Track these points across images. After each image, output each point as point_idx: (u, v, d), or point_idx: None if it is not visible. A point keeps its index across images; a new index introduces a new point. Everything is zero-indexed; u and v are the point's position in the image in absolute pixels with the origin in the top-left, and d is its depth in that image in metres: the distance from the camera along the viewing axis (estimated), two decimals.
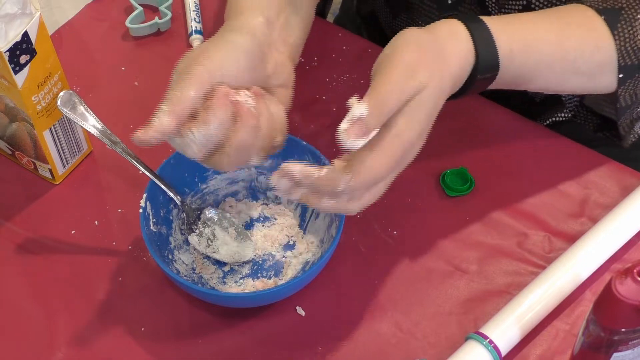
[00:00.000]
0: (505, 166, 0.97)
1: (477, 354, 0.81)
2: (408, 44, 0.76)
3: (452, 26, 0.81)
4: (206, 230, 0.90)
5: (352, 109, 0.72)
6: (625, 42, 0.86)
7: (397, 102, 0.74)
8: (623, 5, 0.87)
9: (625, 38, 0.86)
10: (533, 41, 0.85)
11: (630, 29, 0.86)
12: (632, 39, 0.86)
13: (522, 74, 0.86)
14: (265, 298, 0.85)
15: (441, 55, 0.78)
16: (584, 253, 0.87)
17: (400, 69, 0.74)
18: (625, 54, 0.87)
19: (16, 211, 0.95)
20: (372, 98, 0.72)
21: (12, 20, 0.84)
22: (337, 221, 0.86)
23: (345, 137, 0.72)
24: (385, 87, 0.73)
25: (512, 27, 0.84)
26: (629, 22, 0.86)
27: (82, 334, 0.87)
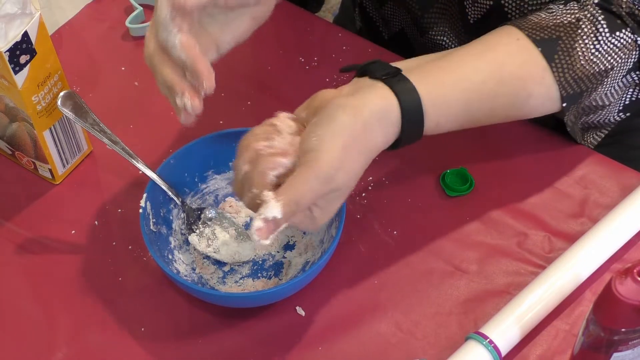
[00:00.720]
0: (505, 166, 0.97)
1: (477, 354, 0.81)
2: (337, 140, 0.77)
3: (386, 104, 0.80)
4: (206, 230, 0.90)
5: (266, 207, 0.75)
6: (565, 73, 0.86)
7: (310, 203, 0.77)
8: (561, 34, 0.86)
9: (564, 69, 0.86)
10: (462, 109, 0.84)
11: (568, 58, 0.86)
12: (571, 69, 0.86)
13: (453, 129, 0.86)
14: (265, 298, 0.85)
15: (365, 147, 0.79)
16: (584, 253, 0.87)
17: (321, 172, 0.76)
18: (566, 85, 0.86)
19: (16, 211, 0.95)
20: (286, 199, 0.75)
21: (12, 20, 0.84)
22: (337, 221, 0.86)
23: (258, 236, 0.75)
24: (302, 189, 0.75)
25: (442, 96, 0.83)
26: (566, 52, 0.86)
27: (82, 334, 0.87)
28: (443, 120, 0.84)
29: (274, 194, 0.75)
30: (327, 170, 0.76)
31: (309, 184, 0.76)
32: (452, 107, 0.83)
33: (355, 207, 0.94)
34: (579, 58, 0.86)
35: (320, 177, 0.76)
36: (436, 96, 0.82)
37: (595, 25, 0.86)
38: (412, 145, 0.83)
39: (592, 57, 0.86)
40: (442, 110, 0.83)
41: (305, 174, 0.76)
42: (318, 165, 0.76)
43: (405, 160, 0.97)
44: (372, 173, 0.95)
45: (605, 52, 0.86)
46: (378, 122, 0.79)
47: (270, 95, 1.03)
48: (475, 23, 0.99)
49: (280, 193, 0.75)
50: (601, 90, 0.90)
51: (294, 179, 0.76)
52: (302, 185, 0.76)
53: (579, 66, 0.86)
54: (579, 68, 0.86)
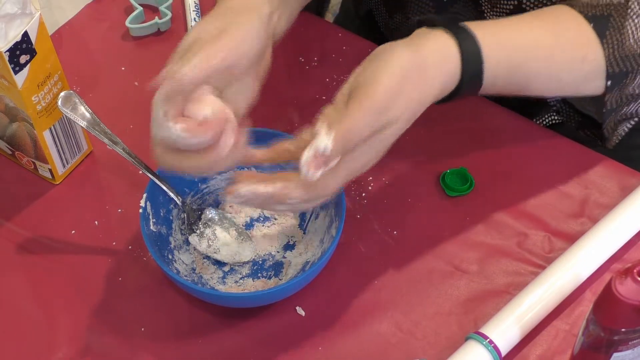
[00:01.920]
0: (506, 166, 0.97)
1: (477, 354, 0.81)
2: (391, 71, 0.76)
3: (443, 44, 0.80)
4: (207, 230, 0.90)
5: (318, 140, 0.73)
6: (614, 50, 0.86)
7: (362, 138, 0.75)
8: (611, 11, 0.86)
9: (614, 46, 0.86)
10: (519, 59, 0.85)
11: (619, 36, 0.86)
12: (620, 47, 0.86)
13: (506, 89, 0.86)
14: (265, 298, 0.85)
15: (424, 82, 0.78)
16: (584, 253, 0.87)
17: (375, 102, 0.74)
18: (614, 62, 0.87)
19: (16, 211, 0.95)
20: (339, 132, 0.73)
21: (12, 20, 0.84)
22: (337, 221, 0.86)
23: (306, 168, 0.73)
24: (354, 121, 0.74)
25: (501, 44, 0.83)
26: (617, 30, 0.86)
27: (82, 334, 0.87)
28: (501, 72, 0.83)
29: (326, 125, 0.73)
30: (383, 100, 0.74)
31: (362, 114, 0.74)
32: (512, 63, 0.83)
33: (355, 207, 0.94)
34: (629, 36, 0.86)
35: (373, 108, 0.74)
36: (495, 44, 0.82)
37: None
38: (412, 145, 0.83)
39: None
40: (501, 58, 0.82)
41: (358, 105, 0.74)
42: (373, 95, 0.74)
43: (405, 160, 0.97)
44: (372, 173, 0.95)
45: None
46: (437, 62, 0.78)
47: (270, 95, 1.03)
48: None
49: (333, 125, 0.73)
50: None
51: (347, 111, 0.74)
52: (354, 116, 0.74)
53: (627, 45, 0.86)
54: (627, 47, 0.86)
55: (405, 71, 0.76)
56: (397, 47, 0.78)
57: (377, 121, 0.75)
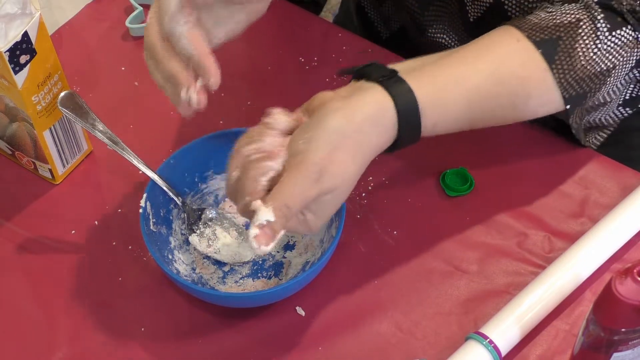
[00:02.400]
0: (505, 166, 0.97)
1: (477, 354, 0.81)
2: (323, 141, 0.76)
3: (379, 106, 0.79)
4: (207, 230, 0.90)
5: (258, 214, 0.74)
6: (565, 74, 0.85)
7: (301, 206, 0.76)
8: (561, 34, 0.85)
9: (564, 70, 0.85)
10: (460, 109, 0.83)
11: (569, 59, 0.85)
12: (572, 70, 0.85)
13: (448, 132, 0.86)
14: (265, 298, 0.85)
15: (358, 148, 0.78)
16: (584, 253, 0.87)
17: (310, 171, 0.75)
18: (568, 86, 0.86)
19: (16, 211, 0.95)
20: (277, 203, 0.75)
21: (12, 20, 0.84)
22: (337, 221, 0.86)
23: (257, 243, 0.75)
24: (288, 193, 0.75)
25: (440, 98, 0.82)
26: (567, 53, 0.85)
27: (82, 334, 0.87)
28: (441, 122, 0.83)
29: (262, 201, 0.75)
30: (314, 170, 0.75)
31: (297, 186, 0.75)
32: (450, 108, 0.83)
33: (355, 207, 0.94)
34: (580, 58, 0.85)
35: (307, 178, 0.75)
36: (434, 97, 0.81)
37: (595, 24, 0.85)
38: (412, 146, 0.83)
39: (594, 57, 0.86)
40: (440, 111, 0.82)
41: (292, 176, 0.75)
42: (304, 166, 0.75)
43: (405, 160, 0.97)
44: (372, 173, 0.95)
45: (606, 51, 0.86)
46: (371, 125, 0.78)
47: (270, 96, 1.03)
48: (475, 21, 0.99)
49: (269, 199, 0.75)
50: (604, 90, 0.89)
51: (282, 183, 0.76)
52: (290, 187, 0.75)
53: (579, 67, 0.85)
54: (579, 69, 0.85)
55: (336, 141, 0.77)
56: (329, 114, 0.77)
57: (312, 190, 0.76)
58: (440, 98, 0.82)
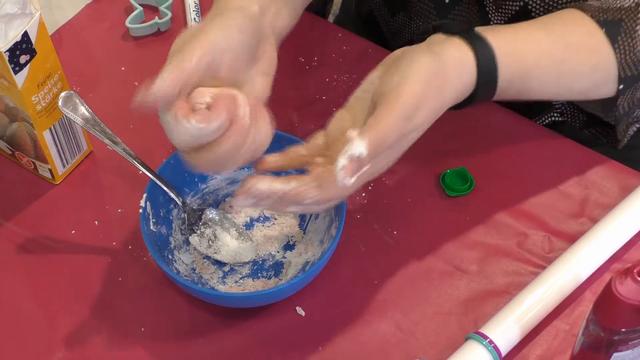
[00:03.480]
0: (505, 166, 0.97)
1: (477, 354, 0.81)
2: (417, 78, 0.77)
3: (460, 54, 0.81)
4: (207, 230, 0.90)
5: (352, 145, 0.73)
6: (626, 55, 0.87)
7: (392, 142, 0.76)
8: (622, 16, 0.87)
9: (626, 50, 0.87)
10: (533, 69, 0.85)
11: (630, 40, 0.86)
12: (632, 51, 0.87)
13: (517, 96, 0.87)
14: (265, 298, 0.85)
15: (443, 89, 0.79)
16: (584, 253, 0.87)
17: (404, 109, 0.76)
18: (626, 66, 0.87)
19: (16, 211, 0.95)
20: (372, 136, 0.74)
21: (12, 20, 0.84)
22: (337, 221, 0.86)
23: (342, 174, 0.73)
24: (386, 127, 0.75)
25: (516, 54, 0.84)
26: (628, 34, 0.86)
27: (82, 334, 0.87)
28: (515, 79, 0.84)
29: (358, 132, 0.74)
30: (412, 104, 0.75)
31: (393, 120, 0.75)
32: (523, 65, 0.84)
33: (355, 207, 0.94)
34: None
35: (403, 113, 0.75)
36: (510, 55, 0.83)
37: None
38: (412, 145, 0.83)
39: None
40: (515, 68, 0.83)
41: (388, 110, 0.75)
42: (401, 101, 0.75)
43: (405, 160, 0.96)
44: None
45: None
46: (456, 67, 0.80)
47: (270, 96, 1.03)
48: None
49: (366, 130, 0.74)
50: None
51: (378, 117, 0.75)
52: (386, 122, 0.75)
53: (639, 49, 0.87)
54: (639, 51, 0.87)
55: (428, 77, 0.77)
56: (417, 53, 0.79)
57: (405, 127, 0.76)
58: (517, 57, 0.83)
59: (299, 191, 0.76)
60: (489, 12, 0.99)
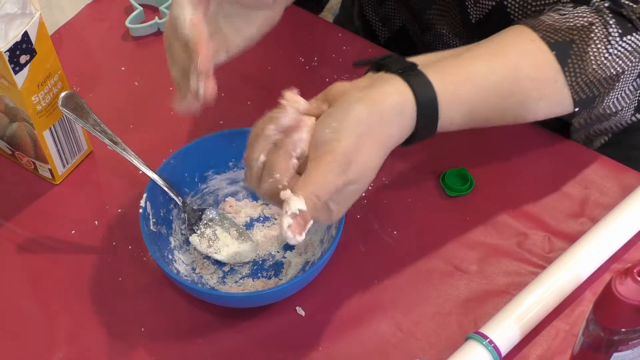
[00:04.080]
0: (505, 166, 0.97)
1: (477, 354, 0.81)
2: (352, 130, 0.76)
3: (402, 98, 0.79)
4: (207, 230, 0.90)
5: (290, 203, 0.74)
6: (577, 77, 0.86)
7: (329, 195, 0.76)
8: (574, 37, 0.86)
9: (576, 73, 0.85)
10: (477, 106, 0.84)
11: (581, 63, 0.85)
12: (583, 73, 0.86)
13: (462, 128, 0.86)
14: (265, 298, 0.85)
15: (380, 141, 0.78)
16: (584, 253, 0.87)
17: (337, 161, 0.75)
18: (579, 89, 0.86)
19: (16, 211, 0.95)
20: (307, 193, 0.74)
21: (12, 20, 0.84)
22: (337, 221, 0.86)
23: (292, 233, 0.74)
24: (319, 180, 0.75)
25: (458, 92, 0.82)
26: (579, 57, 0.85)
27: (82, 334, 0.87)
28: (457, 117, 0.83)
29: (291, 191, 0.75)
30: (342, 160, 0.75)
31: (325, 175, 0.75)
32: (466, 104, 0.83)
33: (355, 207, 0.93)
34: (591, 62, 0.85)
35: (335, 168, 0.75)
36: (451, 92, 0.81)
37: (607, 29, 0.86)
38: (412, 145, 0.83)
39: (605, 61, 0.86)
40: (457, 106, 0.82)
41: (321, 165, 0.75)
42: (333, 156, 0.75)
43: (405, 160, 0.97)
44: None
45: (617, 56, 0.86)
46: (395, 116, 0.79)
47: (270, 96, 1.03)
48: (477, 22, 0.99)
49: (298, 188, 0.75)
50: (612, 95, 0.89)
51: (310, 173, 0.75)
52: (319, 177, 0.75)
53: (590, 70, 0.86)
54: (590, 72, 0.86)
55: (363, 131, 0.77)
56: (355, 103, 0.77)
57: (339, 181, 0.76)
58: (458, 94, 0.82)
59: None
60: (468, 7, 0.99)
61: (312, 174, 0.75)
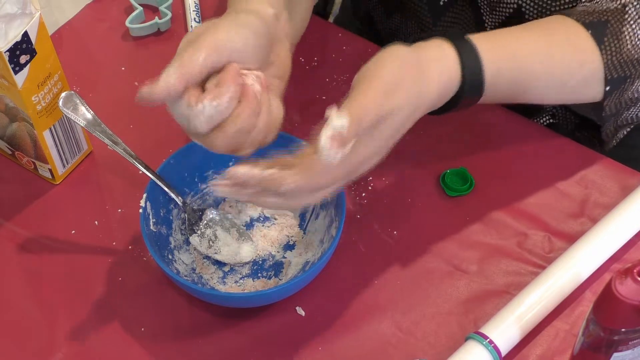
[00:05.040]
0: (505, 166, 0.97)
1: (477, 354, 0.81)
2: (392, 61, 0.77)
3: (441, 48, 0.81)
4: (208, 231, 0.90)
5: (332, 119, 0.72)
6: (612, 56, 0.87)
7: (374, 119, 0.74)
8: (609, 18, 0.87)
9: (612, 52, 0.86)
10: (519, 62, 0.85)
11: (617, 42, 0.86)
12: (619, 52, 0.87)
13: (507, 95, 0.87)
14: (265, 298, 0.85)
15: (423, 78, 0.79)
16: (584, 253, 0.87)
17: (382, 84, 0.75)
18: (612, 68, 0.87)
19: (16, 211, 0.95)
20: (352, 111, 0.73)
21: (12, 20, 0.84)
22: (337, 221, 0.86)
23: (329, 145, 0.72)
24: (365, 101, 0.74)
25: (499, 48, 0.84)
26: (614, 36, 0.86)
27: (82, 334, 0.87)
28: (501, 83, 0.84)
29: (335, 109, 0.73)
30: (387, 83, 0.75)
31: (369, 97, 0.74)
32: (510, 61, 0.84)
33: (355, 207, 0.94)
34: (627, 42, 0.86)
35: (379, 92, 0.75)
36: (495, 58, 0.83)
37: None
38: (412, 145, 0.83)
39: (639, 42, 0.87)
40: (501, 64, 0.83)
41: (367, 86, 0.75)
42: (378, 81, 0.75)
43: (405, 160, 0.97)
44: (372, 173, 0.95)
45: None
46: (435, 64, 0.79)
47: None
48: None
49: (344, 106, 0.73)
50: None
51: (355, 96, 0.74)
52: (363, 99, 0.74)
53: (625, 50, 0.87)
54: (625, 52, 0.87)
55: (405, 63, 0.77)
56: (398, 45, 0.79)
57: (384, 103, 0.75)
58: (502, 53, 0.83)
59: (277, 176, 0.74)
60: (484, 14, 0.99)
61: (357, 97, 0.74)
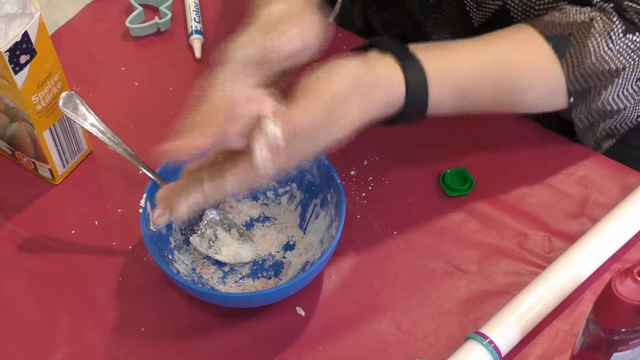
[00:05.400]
0: (505, 166, 0.97)
1: (477, 354, 0.81)
2: (343, 77, 0.77)
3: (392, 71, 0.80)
4: (208, 231, 0.90)
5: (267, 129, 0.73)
6: (574, 69, 0.86)
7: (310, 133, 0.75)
8: (573, 31, 0.86)
9: (574, 65, 0.86)
10: (467, 87, 0.85)
11: (580, 55, 0.86)
12: (581, 65, 0.86)
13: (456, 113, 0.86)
14: (265, 298, 0.85)
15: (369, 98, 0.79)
16: (584, 253, 0.87)
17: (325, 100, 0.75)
18: (574, 80, 0.87)
19: (16, 211, 0.95)
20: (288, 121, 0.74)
21: (12, 20, 0.84)
22: (337, 221, 0.86)
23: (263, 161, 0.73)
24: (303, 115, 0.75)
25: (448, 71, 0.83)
26: (578, 49, 0.86)
27: (82, 334, 0.87)
28: (446, 98, 0.83)
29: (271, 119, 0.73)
30: (330, 102, 0.75)
31: (309, 109, 0.75)
32: (455, 83, 0.84)
33: (355, 207, 0.94)
34: (590, 55, 0.86)
35: (321, 106, 0.75)
36: (441, 71, 0.82)
37: (609, 24, 0.86)
38: (412, 145, 0.83)
39: (604, 55, 0.86)
40: (446, 86, 0.83)
41: (307, 100, 0.75)
42: (323, 94, 0.75)
43: (405, 160, 0.97)
44: (372, 173, 0.95)
45: (618, 52, 0.87)
46: (383, 80, 0.79)
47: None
48: (481, 26, 0.99)
49: (279, 116, 0.74)
50: (612, 91, 0.89)
51: (295, 105, 0.75)
52: (302, 110, 0.74)
53: (589, 63, 0.86)
54: (589, 65, 0.86)
55: (357, 82, 0.77)
56: (352, 60, 0.79)
57: (320, 117, 0.75)
58: (447, 73, 0.83)
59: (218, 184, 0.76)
60: (470, 11, 0.99)
61: (296, 106, 0.75)
